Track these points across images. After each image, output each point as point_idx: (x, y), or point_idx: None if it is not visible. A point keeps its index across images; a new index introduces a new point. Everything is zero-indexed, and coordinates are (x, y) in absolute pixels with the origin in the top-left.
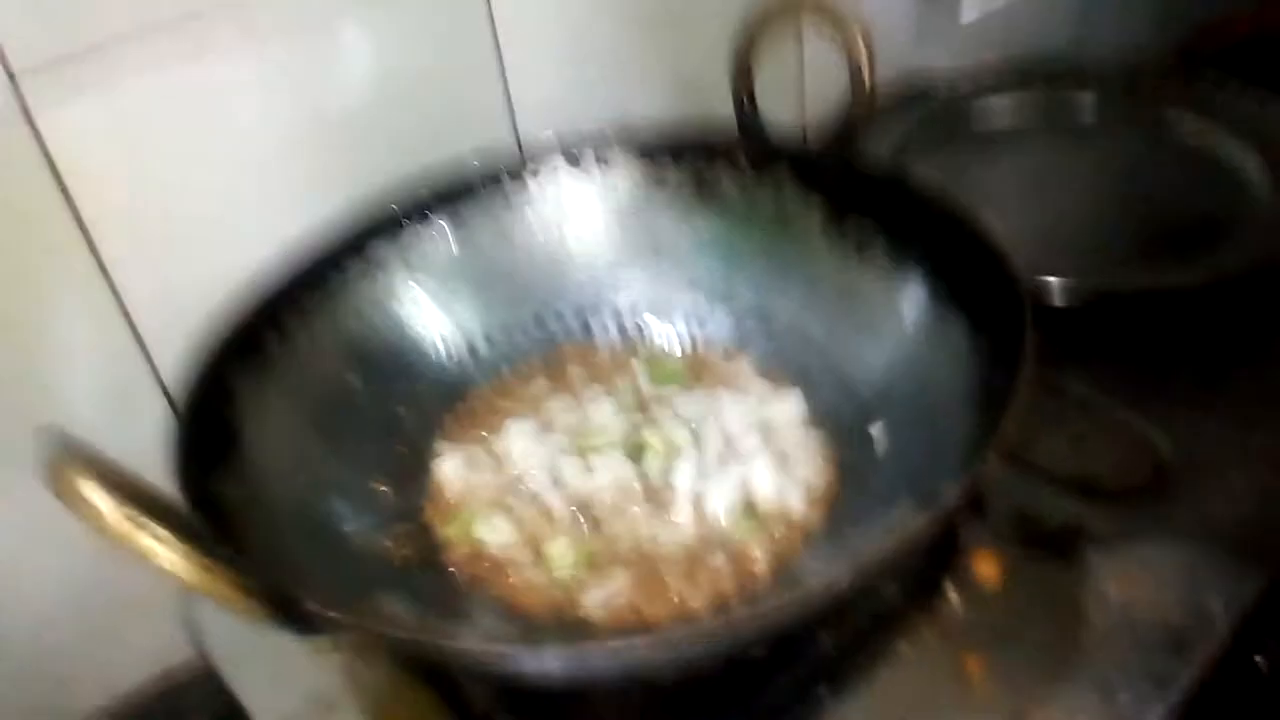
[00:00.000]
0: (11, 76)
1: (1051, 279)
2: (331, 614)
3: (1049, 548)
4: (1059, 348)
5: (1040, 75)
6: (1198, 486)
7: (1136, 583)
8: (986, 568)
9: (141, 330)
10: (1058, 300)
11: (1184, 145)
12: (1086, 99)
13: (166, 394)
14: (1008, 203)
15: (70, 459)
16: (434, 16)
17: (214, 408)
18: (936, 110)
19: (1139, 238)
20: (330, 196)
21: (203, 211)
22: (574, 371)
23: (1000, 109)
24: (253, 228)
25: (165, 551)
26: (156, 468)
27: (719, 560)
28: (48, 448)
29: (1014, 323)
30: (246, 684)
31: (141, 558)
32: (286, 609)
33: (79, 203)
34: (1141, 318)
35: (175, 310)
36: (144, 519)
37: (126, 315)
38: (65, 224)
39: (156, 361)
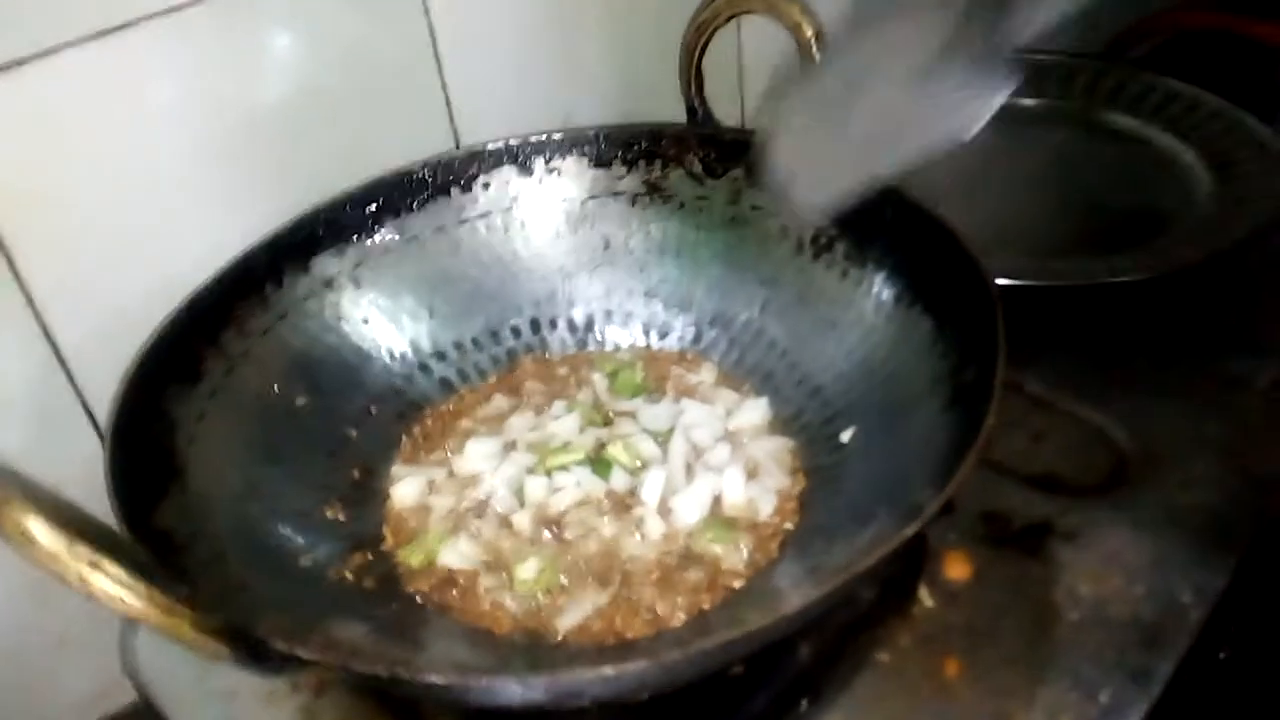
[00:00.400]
0: None
1: (1000, 278)
2: (297, 650)
3: (1018, 546)
4: (1010, 344)
5: None
6: (1158, 477)
7: (1106, 577)
8: (958, 569)
9: (65, 353)
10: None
11: (1121, 143)
12: (1023, 100)
13: (93, 421)
14: (949, 201)
15: (12, 493)
16: (369, 19)
17: (153, 436)
18: None
19: (1081, 233)
20: (263, 210)
21: (128, 228)
22: (533, 386)
23: None
24: (181, 243)
25: (123, 592)
26: (87, 498)
27: (693, 574)
28: None
29: (983, 319)
30: None
31: (95, 599)
32: (249, 648)
33: None
34: (1088, 311)
35: (101, 332)
36: (98, 557)
37: (49, 337)
38: None
39: (81, 386)
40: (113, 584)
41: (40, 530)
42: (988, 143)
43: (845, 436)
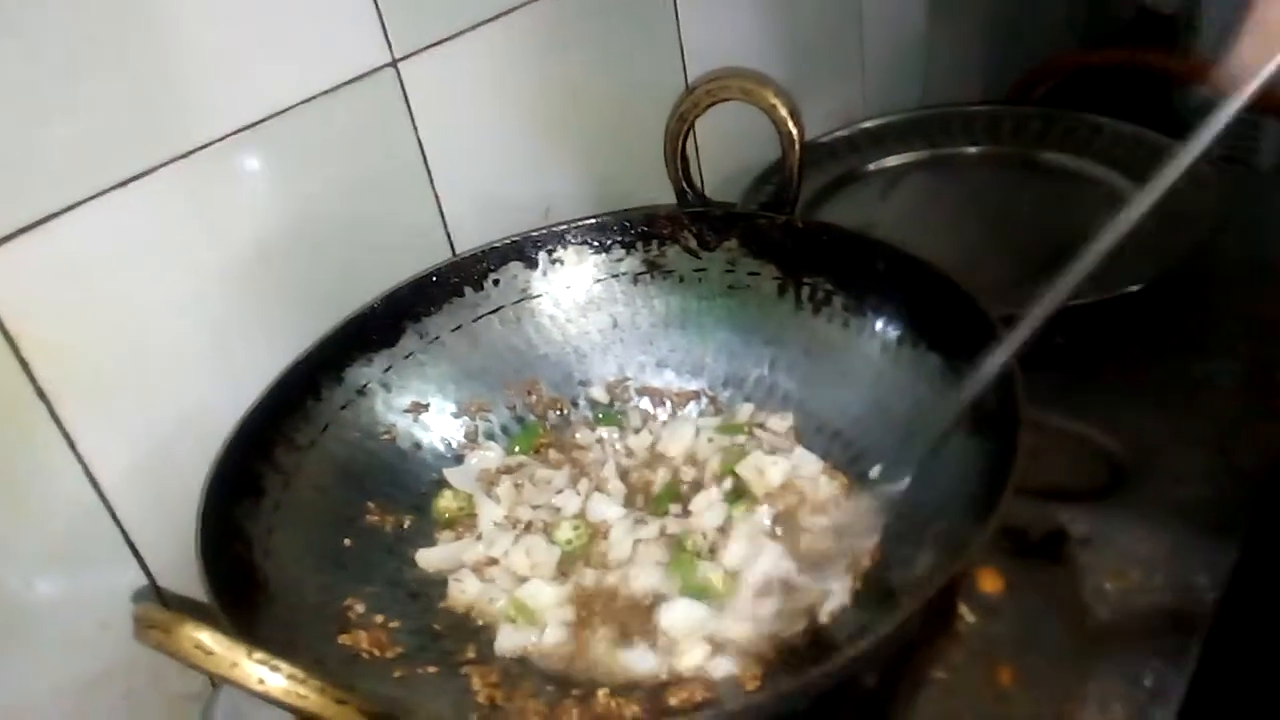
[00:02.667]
0: None
1: None
2: None
3: (1041, 555)
4: None
5: (915, 133)
6: (1153, 477)
7: (1126, 573)
8: (991, 583)
9: (106, 493)
10: None
11: (1057, 178)
12: (959, 148)
13: (137, 555)
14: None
15: (174, 615)
16: (363, 145)
17: (234, 553)
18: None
19: (1032, 266)
20: (280, 334)
21: (155, 367)
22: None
23: (892, 164)
24: (206, 375)
25: (299, 689)
26: (126, 628)
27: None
28: (145, 609)
29: (988, 347)
30: None
31: (272, 697)
32: None
33: (35, 369)
34: (1055, 336)
35: (139, 468)
36: (272, 660)
37: (91, 478)
38: (24, 390)
39: (124, 522)
40: (289, 682)
41: (216, 643)
42: (932, 190)
43: (874, 473)
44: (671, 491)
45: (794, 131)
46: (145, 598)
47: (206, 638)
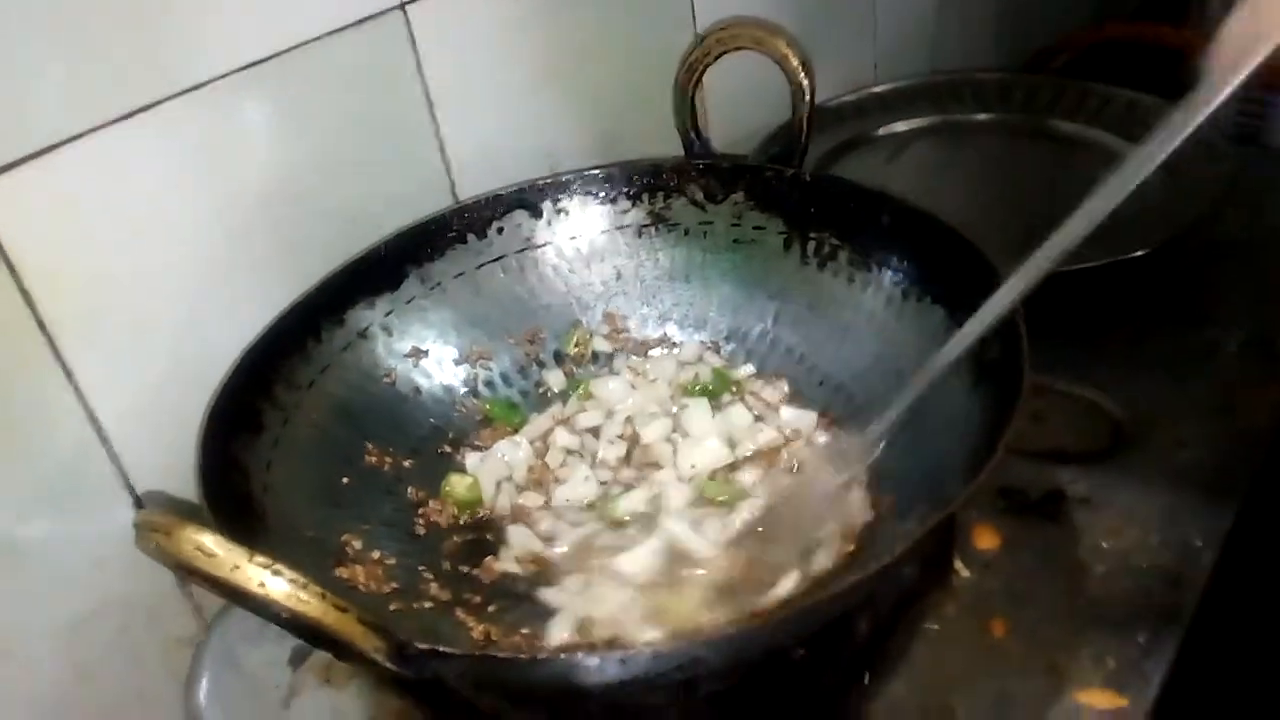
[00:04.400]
0: None
1: None
2: (441, 647)
3: (1038, 514)
4: None
5: (924, 99)
6: (1154, 440)
7: (1124, 532)
8: (987, 540)
9: (106, 429)
10: None
11: (1067, 147)
12: (969, 115)
13: (133, 492)
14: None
15: (177, 519)
16: (370, 88)
17: (232, 484)
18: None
19: (1040, 232)
20: (280, 277)
21: (155, 304)
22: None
23: (901, 129)
24: (206, 315)
25: (299, 593)
26: (134, 565)
27: None
28: (147, 514)
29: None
30: None
31: (273, 601)
32: (398, 645)
33: (36, 300)
34: (1062, 299)
35: (138, 407)
36: (273, 564)
37: (90, 414)
38: (25, 320)
39: (121, 460)
40: (290, 586)
41: (218, 545)
42: (942, 156)
43: (875, 428)
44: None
45: (805, 83)
46: None
47: (209, 540)
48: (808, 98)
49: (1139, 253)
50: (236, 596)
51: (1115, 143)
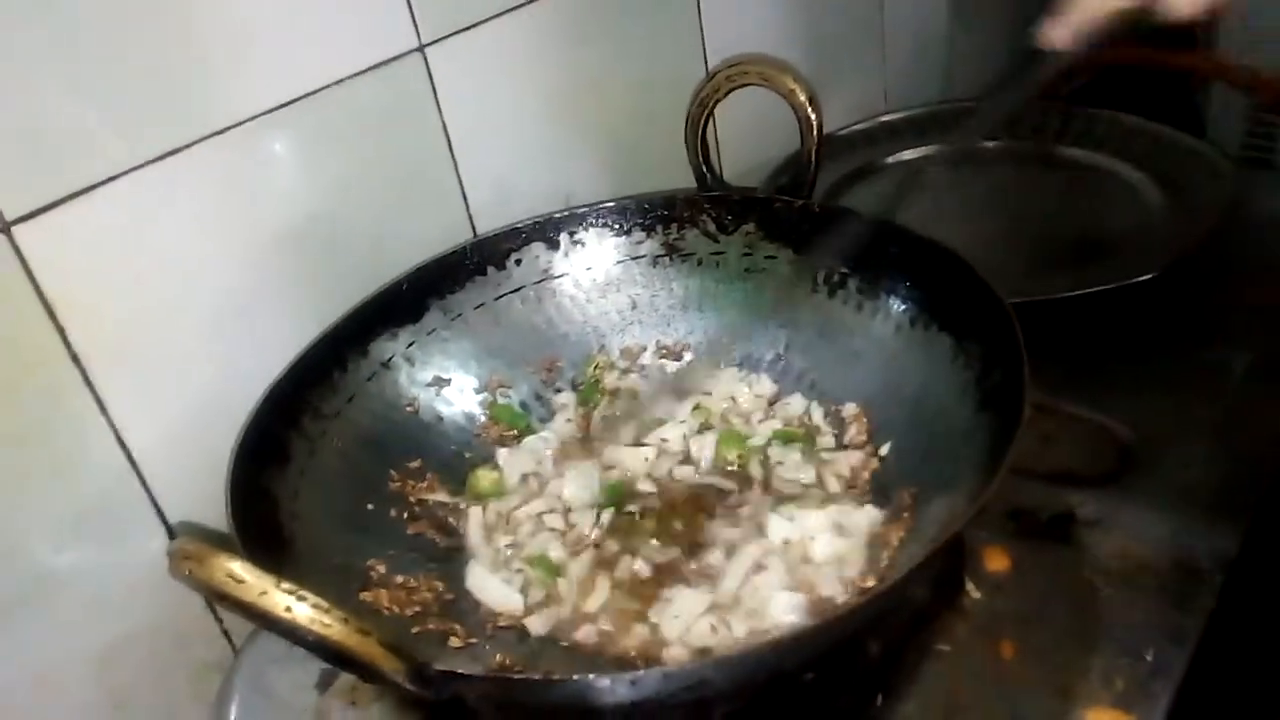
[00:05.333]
0: (5, 224)
1: None
2: (461, 669)
3: (1048, 536)
4: None
5: (933, 127)
6: (1161, 461)
7: (1131, 553)
8: (997, 562)
9: (136, 458)
10: None
11: (1074, 172)
12: (980, 142)
13: (164, 519)
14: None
15: (207, 546)
16: (393, 131)
17: (262, 513)
18: (856, 160)
19: (1048, 256)
20: (304, 311)
21: (185, 336)
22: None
23: (909, 157)
24: (233, 346)
25: (322, 618)
26: (162, 589)
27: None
28: (180, 542)
29: (999, 328)
30: None
31: (298, 626)
32: (417, 668)
33: (70, 334)
34: (1069, 323)
35: (169, 435)
36: (299, 590)
37: (122, 443)
38: (59, 354)
39: (152, 487)
40: (314, 611)
41: (247, 573)
42: (950, 183)
43: (884, 450)
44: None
45: (812, 116)
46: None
47: (238, 568)
48: (815, 131)
49: (1145, 277)
50: (265, 621)
51: (1123, 169)
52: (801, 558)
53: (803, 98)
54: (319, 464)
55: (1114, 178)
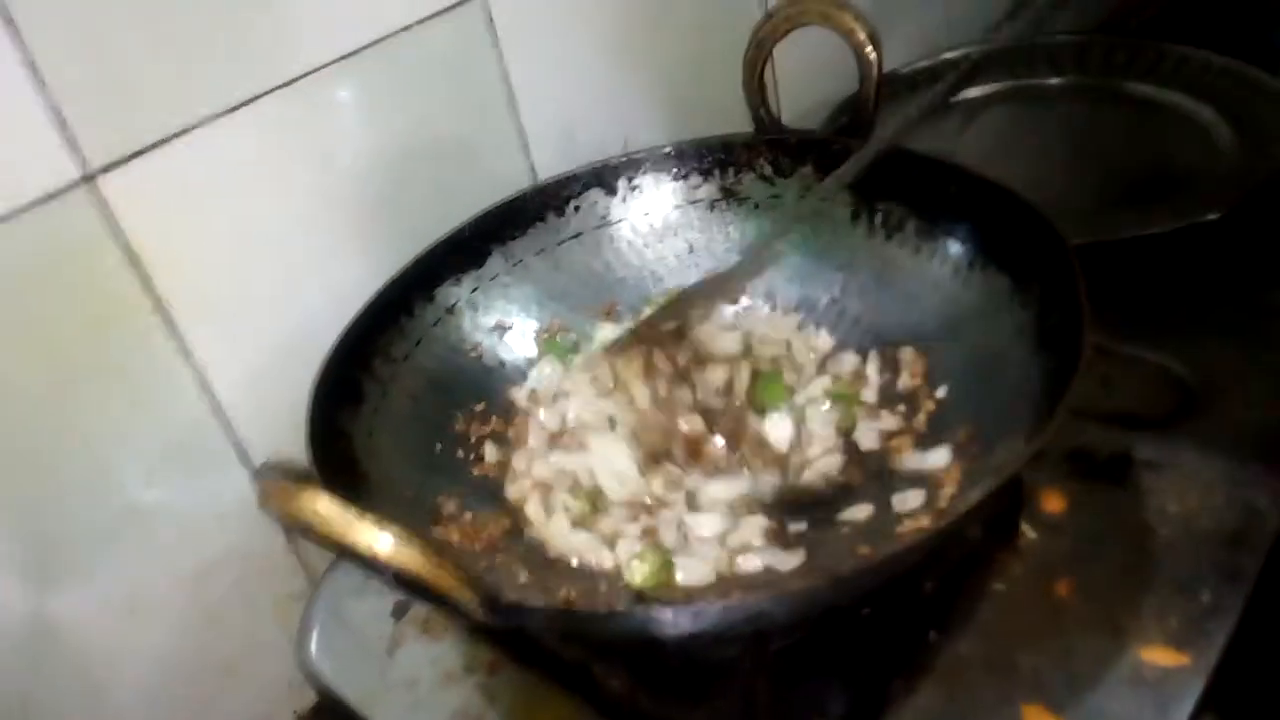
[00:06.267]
0: (89, 174)
1: None
2: (530, 601)
3: (1105, 477)
4: None
5: (999, 63)
6: (1222, 404)
7: (1189, 495)
8: (1054, 503)
9: (221, 400)
10: None
11: (1141, 109)
12: (1043, 79)
13: (246, 460)
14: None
15: (294, 482)
16: (454, 75)
17: (339, 449)
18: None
19: (1114, 195)
20: (373, 255)
21: (262, 283)
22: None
23: (974, 95)
24: (309, 292)
25: (404, 550)
26: (245, 528)
27: None
28: (269, 479)
29: (1059, 266)
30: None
31: (379, 559)
32: (490, 598)
33: (155, 283)
34: (1132, 264)
35: (250, 378)
36: (382, 524)
37: (206, 387)
38: (145, 303)
39: (236, 429)
40: (396, 542)
41: (332, 509)
42: (1014, 121)
43: (940, 393)
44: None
45: (872, 56)
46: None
47: (324, 503)
48: (875, 71)
49: (1211, 217)
50: (348, 553)
51: (1191, 105)
52: None
53: (863, 36)
54: (390, 405)
55: (1183, 115)
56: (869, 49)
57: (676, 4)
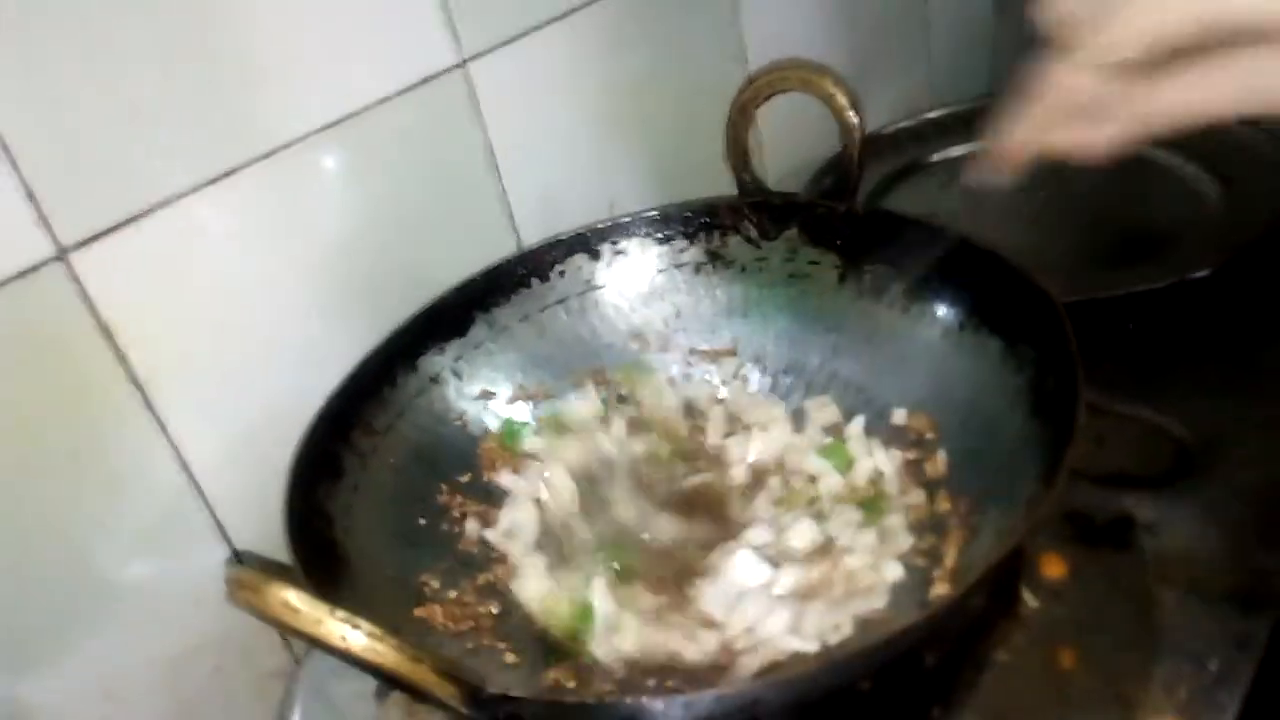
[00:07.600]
0: (62, 251)
1: None
2: (515, 692)
3: (1105, 541)
4: None
5: (981, 121)
6: (1220, 462)
7: (1192, 559)
8: (1054, 568)
9: (197, 476)
10: None
11: (1124, 165)
12: None
13: (225, 536)
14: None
15: (264, 575)
16: (436, 146)
17: (316, 530)
18: (901, 159)
19: (1098, 252)
20: (355, 325)
21: (240, 355)
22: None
23: (956, 154)
24: (288, 364)
25: (376, 646)
26: (215, 606)
27: None
28: (237, 572)
29: (1052, 330)
30: None
31: (352, 653)
32: (471, 691)
33: (129, 357)
34: (1121, 321)
35: (228, 452)
36: (352, 619)
37: (183, 462)
38: (119, 377)
39: (213, 505)
40: (368, 639)
41: (302, 602)
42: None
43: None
44: None
45: (853, 120)
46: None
47: (294, 597)
48: (856, 134)
49: (1200, 273)
50: (321, 647)
51: (1175, 162)
52: None
53: (843, 100)
54: (371, 479)
55: (1165, 170)
56: (849, 113)
57: (661, 71)
